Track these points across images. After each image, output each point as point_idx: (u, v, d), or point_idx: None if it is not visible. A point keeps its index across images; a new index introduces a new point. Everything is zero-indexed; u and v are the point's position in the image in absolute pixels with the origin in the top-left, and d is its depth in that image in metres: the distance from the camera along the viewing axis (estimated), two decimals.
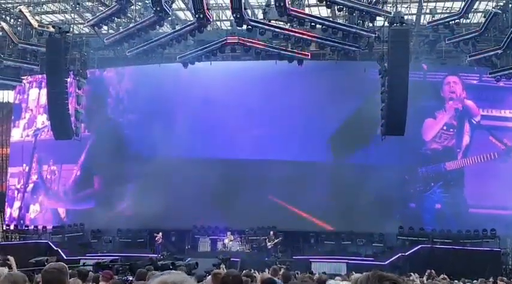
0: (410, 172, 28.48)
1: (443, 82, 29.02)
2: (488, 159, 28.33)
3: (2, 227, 31.91)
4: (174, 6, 26.68)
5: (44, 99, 30.49)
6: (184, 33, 25.93)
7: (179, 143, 28.11)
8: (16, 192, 32.94)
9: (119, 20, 27.19)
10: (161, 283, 2.35)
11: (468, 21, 26.98)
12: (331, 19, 26.81)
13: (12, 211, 32.64)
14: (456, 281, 12.12)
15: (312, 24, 25.25)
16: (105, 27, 28.33)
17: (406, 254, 25.11)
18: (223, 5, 28.35)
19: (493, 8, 25.84)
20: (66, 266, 4.37)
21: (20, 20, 29.50)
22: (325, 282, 9.51)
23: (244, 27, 25.22)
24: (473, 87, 29.04)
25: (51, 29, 27.37)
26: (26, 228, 30.25)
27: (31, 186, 32.41)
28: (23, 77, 30.43)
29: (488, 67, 26.84)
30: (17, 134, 33.56)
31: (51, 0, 29.84)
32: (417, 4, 28.19)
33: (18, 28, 29.49)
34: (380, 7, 25.14)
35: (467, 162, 28.45)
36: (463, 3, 25.28)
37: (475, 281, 12.40)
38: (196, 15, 24.45)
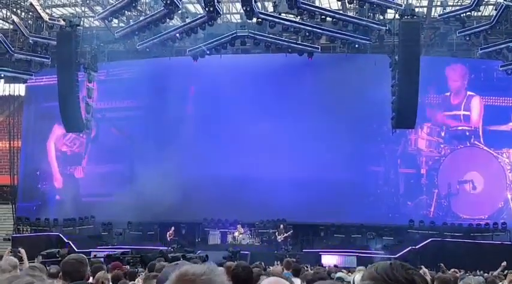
0: None
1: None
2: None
3: (14, 219, 32.02)
4: None
5: None
6: (194, 26, 25.91)
7: (189, 137, 28.15)
8: None
9: (129, 13, 27.20)
10: (181, 275, 2.19)
11: (479, 13, 26.80)
12: (341, 12, 26.73)
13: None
14: (467, 274, 12.10)
15: (323, 17, 25.19)
16: (116, 21, 28.39)
17: (417, 247, 25.01)
18: None
19: (504, 0, 25.61)
20: (85, 257, 4.40)
21: (30, 13, 29.60)
22: (335, 275, 9.51)
23: (254, 20, 25.19)
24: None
25: (62, 22, 27.42)
26: (38, 220, 30.33)
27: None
28: (33, 70, 30.47)
29: (499, 60, 26.67)
30: None
31: None
32: None
33: (29, 21, 29.58)
34: None
35: None
36: None
37: (485, 274, 12.37)
38: (206, 8, 24.46)
